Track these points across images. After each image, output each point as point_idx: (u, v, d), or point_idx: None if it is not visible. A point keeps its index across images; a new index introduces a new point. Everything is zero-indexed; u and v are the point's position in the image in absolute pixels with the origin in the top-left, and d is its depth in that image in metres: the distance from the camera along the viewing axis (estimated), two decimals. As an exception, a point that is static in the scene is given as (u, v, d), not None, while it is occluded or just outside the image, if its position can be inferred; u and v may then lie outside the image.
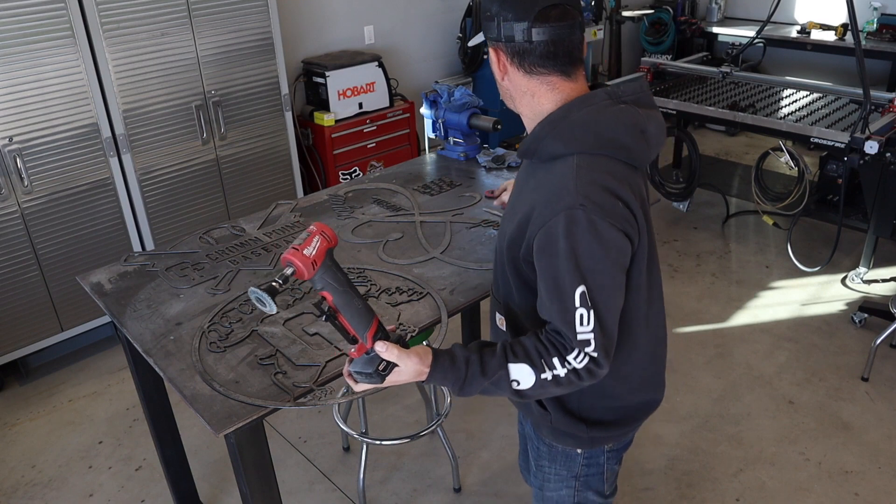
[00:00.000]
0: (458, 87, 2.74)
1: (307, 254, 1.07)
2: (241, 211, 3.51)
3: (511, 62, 1.25)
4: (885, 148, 3.13)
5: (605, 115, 1.20)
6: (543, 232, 1.15)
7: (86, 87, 2.93)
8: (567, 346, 1.16)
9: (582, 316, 1.14)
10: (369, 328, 1.16)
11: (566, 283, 1.14)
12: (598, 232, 1.13)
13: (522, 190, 1.29)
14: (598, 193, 1.14)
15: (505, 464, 2.61)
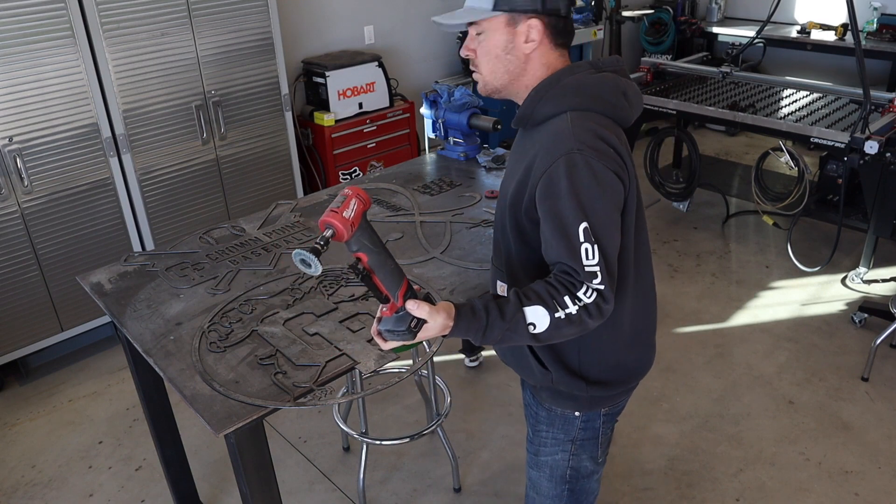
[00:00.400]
0: (458, 87, 2.74)
1: (346, 216, 1.10)
2: (241, 211, 3.51)
3: (546, 35, 1.33)
4: (885, 148, 3.13)
5: (591, 79, 1.33)
6: (546, 177, 1.24)
7: (86, 87, 2.93)
8: (576, 282, 1.23)
9: (587, 250, 1.21)
10: (400, 287, 1.20)
11: (570, 219, 1.22)
12: (594, 172, 1.23)
13: (519, 155, 1.39)
14: (592, 139, 1.25)
15: (505, 464, 2.61)
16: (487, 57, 1.36)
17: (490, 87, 1.40)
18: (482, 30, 1.35)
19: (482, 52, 1.37)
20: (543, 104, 1.32)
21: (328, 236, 1.11)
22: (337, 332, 1.71)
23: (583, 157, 1.23)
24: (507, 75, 1.37)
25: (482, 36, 1.36)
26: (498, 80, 1.38)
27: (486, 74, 1.38)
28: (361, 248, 1.14)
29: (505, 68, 1.36)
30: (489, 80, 1.39)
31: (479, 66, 1.39)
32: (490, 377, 3.07)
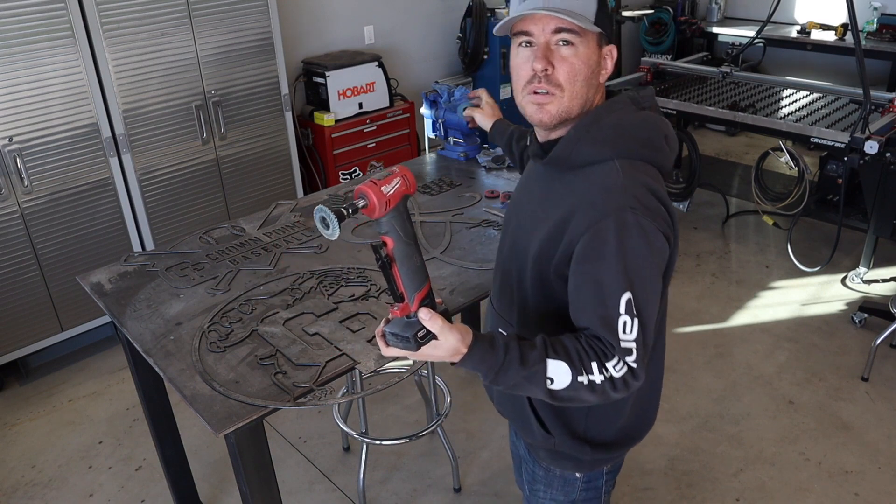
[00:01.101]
0: (458, 87, 2.74)
1: (384, 191, 1.01)
2: (241, 211, 3.51)
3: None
4: (885, 148, 3.13)
5: (634, 120, 1.18)
6: (590, 235, 1.09)
7: (86, 87, 2.93)
8: (608, 352, 1.11)
9: (626, 323, 1.09)
10: (420, 290, 1.09)
11: (612, 288, 1.09)
12: (646, 235, 1.09)
13: (547, 200, 1.21)
14: (644, 196, 1.11)
15: (505, 464, 2.61)
16: (577, 76, 1.13)
17: (562, 115, 1.16)
18: (575, 40, 1.12)
19: (569, 68, 1.13)
20: (584, 146, 1.15)
21: (359, 205, 1.01)
22: (337, 332, 1.71)
23: (635, 216, 1.08)
24: (586, 103, 1.17)
25: (571, 49, 1.12)
26: (577, 108, 1.16)
27: (570, 97, 1.14)
28: (390, 233, 1.04)
29: (587, 93, 1.16)
30: (569, 105, 1.15)
31: (562, 85, 1.13)
32: (490, 377, 3.06)
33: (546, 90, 1.13)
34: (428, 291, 1.11)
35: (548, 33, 1.12)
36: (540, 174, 1.26)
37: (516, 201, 1.34)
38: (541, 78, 1.13)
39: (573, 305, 1.15)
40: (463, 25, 4.71)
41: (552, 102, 1.14)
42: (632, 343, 1.10)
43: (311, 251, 2.11)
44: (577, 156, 1.16)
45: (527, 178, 1.35)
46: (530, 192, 1.28)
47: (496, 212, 2.28)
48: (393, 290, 1.10)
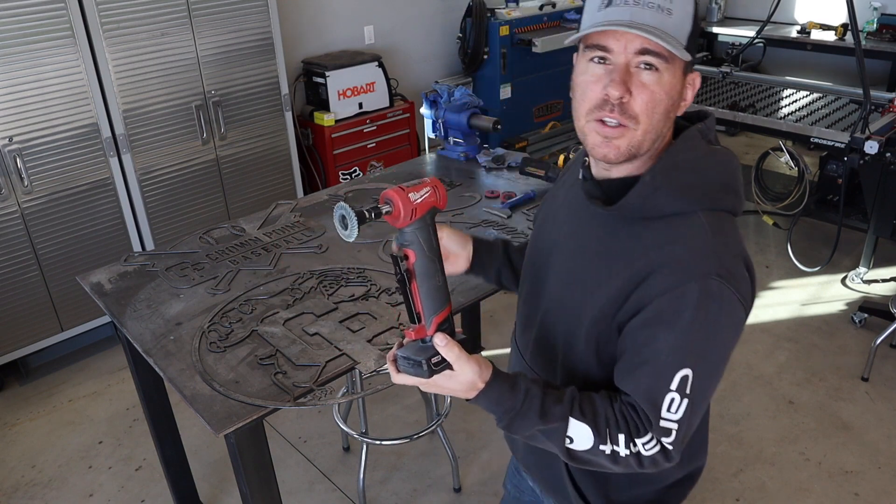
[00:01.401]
0: (458, 87, 2.74)
1: (412, 198, 0.94)
2: (241, 211, 3.51)
3: None
4: (885, 148, 3.13)
5: (711, 160, 1.03)
6: (667, 299, 0.96)
7: (86, 87, 2.93)
8: (641, 427, 0.99)
9: (673, 401, 0.97)
10: (438, 313, 1.00)
11: (670, 360, 0.97)
12: (729, 310, 0.97)
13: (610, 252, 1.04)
14: (733, 262, 0.98)
15: (505, 464, 2.59)
16: (657, 108, 0.95)
17: (631, 153, 0.99)
18: (660, 65, 0.94)
19: (649, 98, 0.95)
20: (664, 195, 0.99)
21: (383, 210, 0.95)
22: (337, 332, 1.71)
23: (720, 286, 0.95)
24: (660, 137, 1.00)
25: (654, 76, 0.94)
26: (650, 143, 0.99)
27: (644, 131, 0.97)
28: (413, 245, 0.97)
29: (663, 127, 0.99)
30: (641, 140, 0.98)
31: (638, 117, 0.96)
32: (490, 377, 3.06)
33: (618, 122, 0.96)
34: (447, 316, 1.02)
35: (630, 53, 0.94)
36: (596, 219, 1.07)
37: (559, 245, 1.14)
38: (614, 106, 0.95)
39: (622, 365, 1.03)
40: (463, 25, 4.71)
41: (623, 137, 0.97)
42: (673, 424, 0.98)
43: (311, 251, 2.11)
44: (654, 206, 0.99)
45: (569, 215, 1.14)
46: (581, 238, 1.10)
47: (496, 212, 2.28)
48: (409, 310, 1.01)
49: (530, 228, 2.16)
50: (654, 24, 0.92)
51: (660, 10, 0.93)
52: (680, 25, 0.94)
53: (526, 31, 4.73)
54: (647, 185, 0.99)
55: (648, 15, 0.93)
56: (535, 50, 4.62)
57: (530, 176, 2.49)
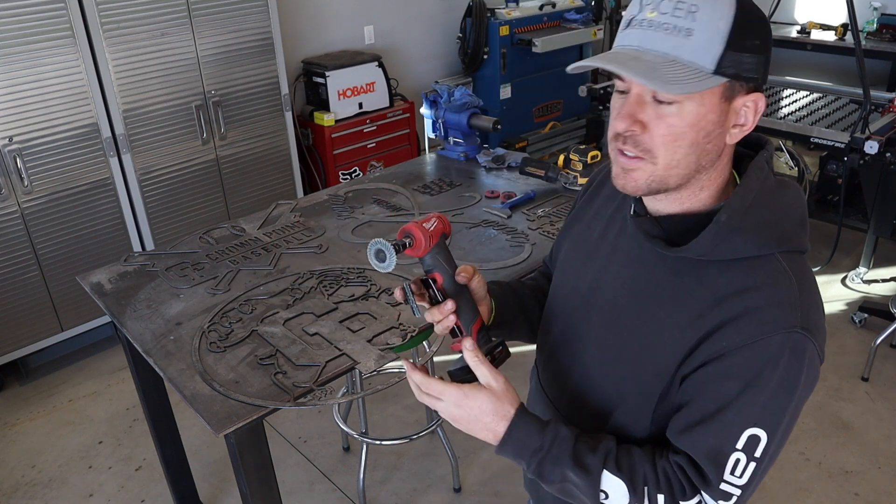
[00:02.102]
0: (458, 87, 2.74)
1: (426, 227, 1.02)
2: (241, 211, 3.51)
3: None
4: (885, 148, 3.13)
5: (786, 196, 0.93)
6: (745, 352, 0.86)
7: (86, 87, 2.93)
8: (687, 489, 0.91)
9: (738, 462, 0.88)
10: (475, 322, 1.05)
11: (741, 417, 0.87)
12: (809, 367, 0.88)
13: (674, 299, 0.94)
14: (816, 314, 0.89)
15: (505, 464, 2.60)
16: (677, 141, 0.85)
17: (657, 186, 0.89)
18: (678, 98, 0.83)
19: (668, 131, 0.85)
20: (740, 237, 0.88)
21: (407, 243, 1.02)
22: (337, 332, 1.71)
23: (805, 341, 0.86)
24: (694, 171, 0.88)
25: (672, 108, 0.84)
26: (677, 178, 0.88)
27: (664, 166, 0.87)
28: (436, 268, 1.03)
29: (697, 162, 0.87)
30: (665, 174, 0.87)
31: (652, 151, 0.86)
32: (490, 377, 3.06)
33: (633, 154, 0.87)
34: (482, 324, 1.06)
35: (640, 84, 0.84)
36: (653, 259, 0.96)
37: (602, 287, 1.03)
38: (626, 139, 0.87)
39: (681, 418, 0.93)
40: (463, 25, 4.72)
41: (640, 170, 0.88)
42: (735, 489, 0.89)
43: (311, 251, 2.11)
44: (729, 249, 0.89)
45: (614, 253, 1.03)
46: (634, 281, 0.99)
47: (496, 212, 2.28)
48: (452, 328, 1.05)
49: (531, 229, 2.16)
50: (665, 51, 0.82)
51: (676, 33, 0.81)
52: (703, 48, 0.81)
53: (526, 31, 4.73)
54: (723, 225, 0.88)
55: (661, 39, 0.82)
56: (535, 50, 4.62)
57: (530, 176, 2.49)
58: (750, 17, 0.82)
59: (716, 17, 0.81)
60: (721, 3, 0.81)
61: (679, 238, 0.92)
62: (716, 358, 0.88)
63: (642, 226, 0.96)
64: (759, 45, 0.84)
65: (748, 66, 0.83)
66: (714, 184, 0.92)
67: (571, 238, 1.16)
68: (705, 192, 0.92)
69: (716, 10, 0.81)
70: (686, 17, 0.81)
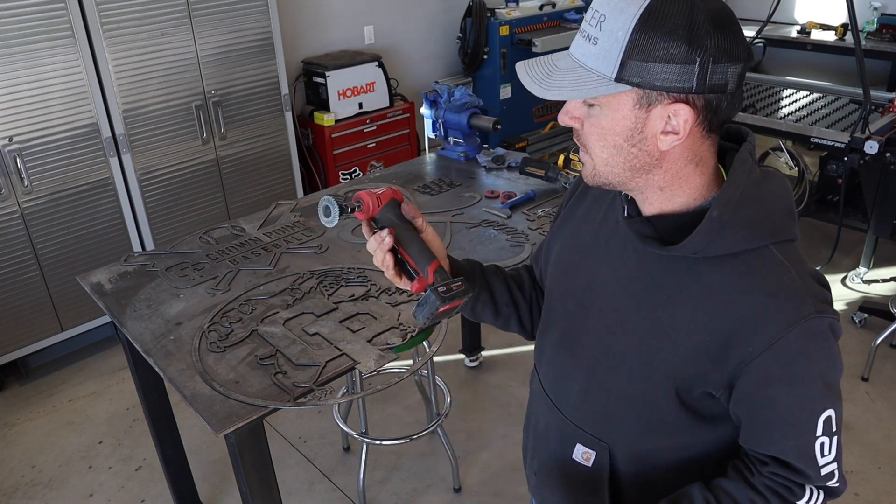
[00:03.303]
0: (458, 87, 2.74)
1: (374, 191, 1.13)
2: (241, 211, 3.51)
3: (699, 121, 0.88)
4: (885, 148, 3.13)
5: (771, 186, 0.94)
6: (772, 354, 0.88)
7: (86, 87, 2.92)
8: (796, 488, 0.94)
9: (823, 445, 0.92)
10: (430, 263, 1.09)
11: (810, 411, 0.91)
12: (833, 338, 0.91)
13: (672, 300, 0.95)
14: (821, 291, 0.92)
15: (505, 464, 2.61)
16: (601, 141, 0.91)
17: (601, 179, 0.95)
18: (597, 101, 0.89)
19: (592, 131, 0.92)
20: (733, 232, 0.89)
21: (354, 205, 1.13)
22: (337, 332, 1.71)
23: (820, 321, 0.88)
24: (628, 171, 0.92)
25: (595, 110, 0.90)
26: (614, 175, 0.94)
27: (599, 163, 0.94)
28: (388, 223, 1.13)
29: (627, 163, 0.91)
30: (601, 170, 0.94)
31: (587, 146, 0.94)
32: (490, 377, 3.07)
33: (579, 143, 0.96)
34: (439, 266, 1.10)
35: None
36: (648, 259, 0.97)
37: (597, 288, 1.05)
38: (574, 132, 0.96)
39: (751, 431, 0.95)
40: (463, 25, 4.71)
41: (586, 163, 0.96)
42: (832, 465, 0.93)
43: (311, 251, 2.11)
44: (722, 245, 0.90)
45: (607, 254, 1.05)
46: (629, 282, 1.00)
47: (496, 212, 2.28)
48: (408, 272, 1.11)
49: (531, 229, 2.16)
50: (577, 57, 0.88)
51: (587, 40, 0.86)
52: (604, 56, 0.84)
53: (526, 31, 4.73)
54: (715, 221, 0.89)
55: (580, 45, 0.88)
56: (535, 50, 4.61)
57: (530, 176, 2.49)
58: (662, 28, 0.81)
59: (616, 27, 0.83)
60: (624, 13, 0.82)
61: (672, 237, 0.93)
62: (746, 366, 0.90)
63: (635, 226, 0.97)
64: (678, 55, 0.82)
65: (661, 76, 0.83)
66: (680, 185, 0.93)
67: (562, 241, 1.16)
68: (675, 194, 0.94)
69: (618, 20, 0.83)
70: (596, 26, 0.85)
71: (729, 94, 0.86)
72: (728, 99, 0.87)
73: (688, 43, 0.82)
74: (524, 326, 1.27)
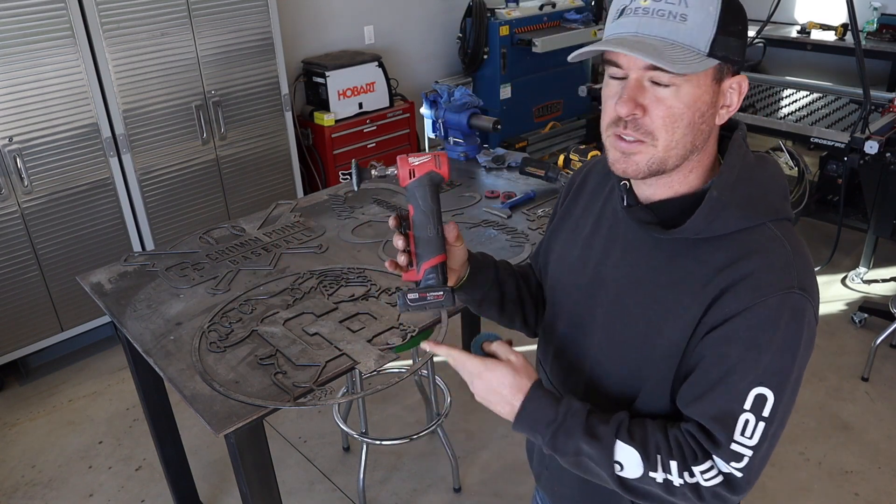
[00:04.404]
0: (458, 87, 2.74)
1: (411, 161, 1.06)
2: (241, 211, 3.51)
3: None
4: (885, 148, 3.13)
5: (766, 168, 0.98)
6: (745, 316, 0.89)
7: (86, 87, 2.93)
8: (698, 454, 0.93)
9: (747, 423, 0.90)
10: (428, 259, 1.06)
11: (745, 378, 0.90)
12: (806, 324, 0.90)
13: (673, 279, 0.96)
14: (810, 275, 0.92)
15: (505, 464, 2.61)
16: (676, 122, 0.88)
17: (657, 167, 0.92)
18: (674, 81, 0.86)
19: (667, 112, 0.88)
20: (733, 211, 0.92)
21: (388, 173, 1.08)
22: (337, 332, 1.71)
23: (802, 300, 0.89)
24: (689, 151, 0.92)
25: (669, 90, 0.87)
26: (676, 158, 0.91)
27: (665, 147, 0.90)
28: (412, 200, 1.07)
29: (692, 141, 0.91)
30: (665, 155, 0.90)
31: (653, 133, 0.89)
32: (490, 377, 3.06)
33: (634, 138, 0.90)
34: (437, 264, 1.07)
35: (639, 69, 0.87)
36: (650, 246, 0.99)
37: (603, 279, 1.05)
38: (627, 123, 0.90)
39: (689, 388, 0.95)
40: (463, 25, 4.71)
41: (641, 153, 0.91)
42: (747, 450, 0.91)
43: (311, 251, 2.11)
44: (722, 224, 0.92)
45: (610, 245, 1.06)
46: (634, 269, 1.01)
47: (496, 212, 2.28)
48: (408, 255, 1.09)
49: (531, 229, 2.16)
50: (663, 35, 0.86)
51: (671, 18, 0.86)
52: (698, 31, 0.85)
53: (526, 31, 4.73)
54: (716, 201, 0.91)
55: (657, 25, 0.86)
56: (535, 50, 4.62)
57: (530, 176, 2.49)
58: (733, 3, 0.88)
59: (707, 2, 0.86)
60: None
61: (672, 222, 0.96)
62: (718, 325, 0.91)
63: (636, 214, 0.99)
64: (741, 30, 0.89)
65: (734, 49, 0.89)
66: (702, 165, 0.96)
67: (563, 237, 1.17)
68: (694, 174, 0.96)
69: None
70: (679, 3, 0.86)
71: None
72: None
73: (744, 19, 0.89)
74: (527, 323, 1.27)
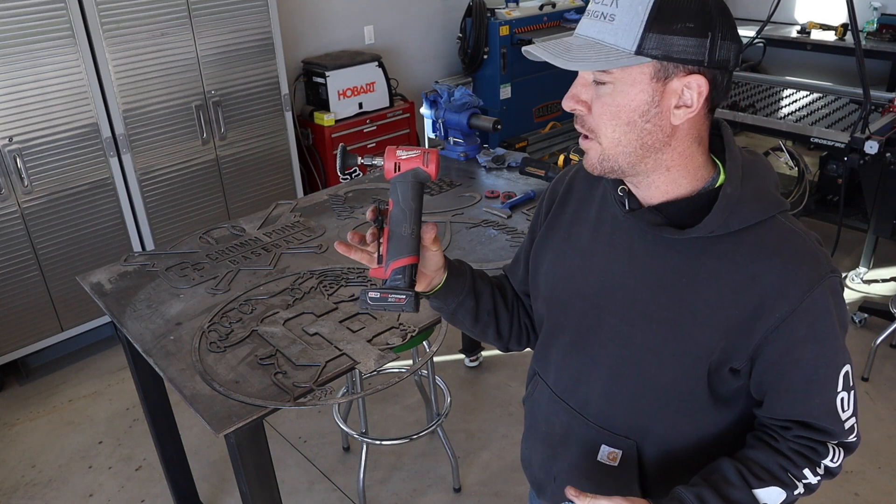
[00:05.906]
0: (458, 87, 2.74)
1: (398, 155, 1.03)
2: (241, 211, 3.51)
3: (707, 98, 0.90)
4: (885, 148, 3.13)
5: (761, 162, 1.00)
6: (802, 314, 0.91)
7: (86, 87, 2.93)
8: (821, 448, 0.98)
9: (843, 400, 0.97)
10: (397, 259, 1.03)
11: (833, 366, 0.95)
12: (843, 297, 0.97)
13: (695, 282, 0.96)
14: (828, 255, 0.96)
15: (505, 464, 2.61)
16: (613, 120, 0.91)
17: (608, 165, 0.94)
18: (610, 79, 0.89)
19: (604, 110, 0.91)
20: (747, 206, 0.93)
21: (375, 163, 1.05)
22: (337, 332, 1.71)
23: (834, 279, 0.93)
24: (640, 150, 0.92)
25: (607, 88, 0.90)
26: (625, 156, 0.93)
27: (608, 145, 0.92)
28: (393, 195, 1.05)
29: (639, 140, 0.91)
30: (611, 152, 0.93)
31: (595, 130, 0.93)
32: (490, 377, 3.07)
33: (582, 133, 0.95)
34: (407, 266, 1.04)
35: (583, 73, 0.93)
36: (663, 247, 0.98)
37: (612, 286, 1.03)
38: (576, 118, 0.95)
39: (775, 399, 0.98)
40: (463, 25, 4.71)
41: (591, 150, 0.95)
42: (852, 419, 0.98)
43: (311, 251, 2.11)
44: (740, 219, 0.93)
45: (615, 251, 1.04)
46: (649, 273, 1.00)
47: (496, 212, 2.28)
48: (379, 252, 1.07)
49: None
50: (592, 35, 0.89)
51: (602, 19, 0.89)
52: (624, 31, 0.86)
53: (526, 31, 4.73)
54: (731, 197, 0.92)
55: (590, 26, 0.90)
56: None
57: (530, 176, 2.49)
58: (675, 2, 0.86)
59: (637, 3, 0.86)
60: None
61: (683, 222, 0.96)
62: (773, 332, 0.92)
63: (644, 217, 0.98)
64: (694, 28, 0.86)
65: (679, 48, 0.86)
66: (686, 165, 0.95)
67: (553, 248, 1.14)
68: (680, 174, 0.96)
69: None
70: (611, 5, 0.88)
71: (729, 73, 0.91)
72: (728, 77, 0.91)
73: (702, 16, 0.86)
74: (501, 335, 1.24)
